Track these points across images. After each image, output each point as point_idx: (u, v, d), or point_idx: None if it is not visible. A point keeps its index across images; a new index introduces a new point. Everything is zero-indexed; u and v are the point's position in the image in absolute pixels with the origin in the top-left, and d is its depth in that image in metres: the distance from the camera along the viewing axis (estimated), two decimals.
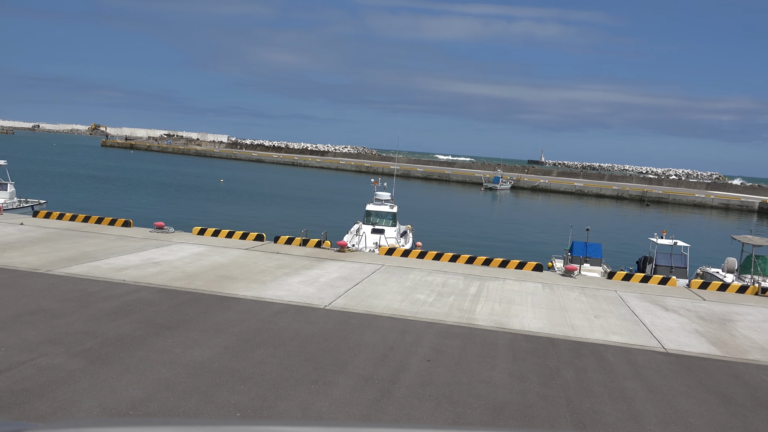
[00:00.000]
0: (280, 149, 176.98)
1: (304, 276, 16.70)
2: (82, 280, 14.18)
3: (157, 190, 59.96)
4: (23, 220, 22.45)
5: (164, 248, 19.25)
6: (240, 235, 22.54)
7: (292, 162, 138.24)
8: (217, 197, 57.99)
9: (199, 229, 22.90)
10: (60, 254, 16.98)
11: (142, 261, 16.96)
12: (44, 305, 11.79)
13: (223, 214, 44.94)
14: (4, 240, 18.57)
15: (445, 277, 18.19)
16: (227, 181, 76.76)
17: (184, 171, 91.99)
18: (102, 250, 18.04)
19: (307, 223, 43.14)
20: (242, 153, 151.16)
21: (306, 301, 13.88)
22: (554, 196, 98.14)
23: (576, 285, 18.61)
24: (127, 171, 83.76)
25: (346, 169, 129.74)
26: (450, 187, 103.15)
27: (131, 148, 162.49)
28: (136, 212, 40.93)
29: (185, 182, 72.24)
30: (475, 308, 14.50)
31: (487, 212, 68.42)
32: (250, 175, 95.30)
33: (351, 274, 17.52)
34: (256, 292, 14.32)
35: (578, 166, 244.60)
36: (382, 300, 14.54)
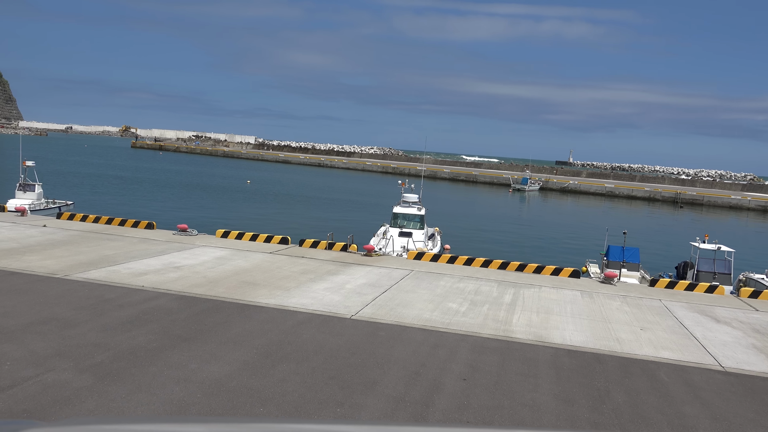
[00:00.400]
0: (307, 150, 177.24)
1: (330, 282, 15.95)
2: (100, 285, 13.62)
3: (183, 192, 60.00)
4: (46, 222, 22.15)
5: (186, 252, 18.69)
6: (264, 238, 21.91)
7: (319, 163, 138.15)
8: (243, 198, 57.78)
9: (223, 232, 22.33)
10: (80, 258, 16.50)
11: (162, 265, 16.40)
12: (57, 313, 11.22)
13: (248, 216, 44.58)
14: (26, 242, 18.19)
15: (478, 284, 17.28)
16: (254, 182, 76.68)
17: (211, 172, 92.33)
18: (123, 254, 17.53)
19: (332, 225, 42.52)
20: (269, 154, 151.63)
21: (331, 310, 13.11)
22: (584, 197, 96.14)
23: (617, 293, 17.54)
24: (154, 172, 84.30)
25: (372, 170, 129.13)
26: (477, 188, 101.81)
27: (160, 149, 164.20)
28: (161, 214, 40.75)
29: (212, 183, 72.32)
30: (512, 319, 13.57)
31: (516, 214, 67.08)
32: (277, 176, 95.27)
33: (379, 280, 16.72)
34: (279, 300, 13.61)
35: (607, 167, 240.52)
36: (412, 309, 13.71)
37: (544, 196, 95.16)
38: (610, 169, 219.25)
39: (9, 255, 16.20)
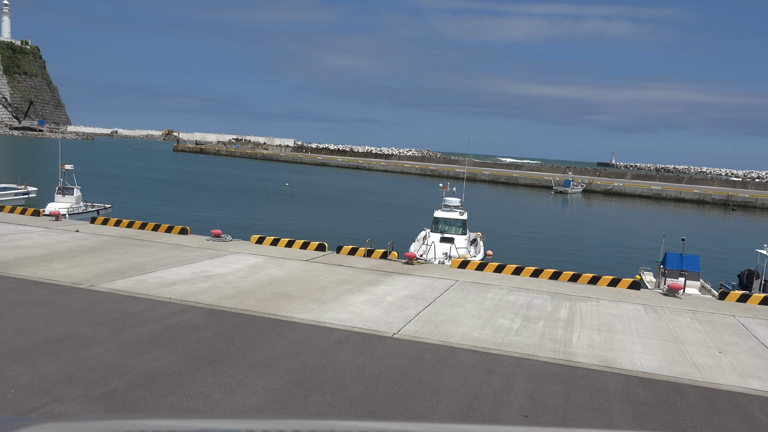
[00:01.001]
0: (345, 153, 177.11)
1: (369, 294, 14.81)
2: (125, 297, 12.77)
3: (221, 195, 59.87)
4: (79, 227, 21.64)
5: (218, 259, 17.82)
6: (300, 244, 20.93)
7: (357, 165, 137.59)
8: (281, 201, 57.29)
9: (258, 238, 21.44)
10: (108, 266, 15.76)
11: (192, 275, 15.52)
12: (75, 330, 10.36)
13: (285, 220, 43.88)
14: (56, 249, 17.60)
15: (529, 296, 15.90)
16: (292, 185, 76.34)
17: (250, 175, 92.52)
18: (153, 262, 16.75)
19: (371, 229, 41.44)
20: (307, 157, 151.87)
21: (371, 326, 11.96)
22: (629, 200, 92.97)
23: (684, 308, 15.92)
24: (194, 175, 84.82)
25: (410, 172, 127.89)
26: (518, 190, 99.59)
27: (201, 152, 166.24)
28: (197, 218, 40.35)
29: (250, 186, 72.20)
30: (571, 338, 12.19)
31: (560, 218, 64.92)
32: (315, 178, 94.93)
33: (421, 291, 15.50)
34: (315, 315, 12.52)
35: (651, 169, 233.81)
36: (460, 326, 12.45)
37: (587, 198, 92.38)
38: (653, 171, 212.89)
39: (36, 262, 15.56)
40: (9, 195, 38.27)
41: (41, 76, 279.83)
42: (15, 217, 23.11)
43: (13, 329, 10.15)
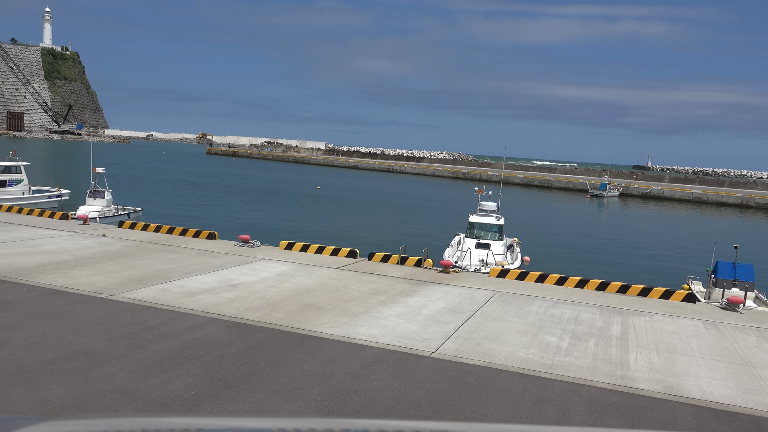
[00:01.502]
0: (376, 155, 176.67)
1: (403, 306, 13.84)
2: (146, 308, 12.06)
3: (251, 197, 59.61)
4: (106, 231, 21.17)
5: (246, 267, 17.06)
6: (331, 251, 20.09)
7: (388, 168, 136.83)
8: (312, 204, 56.75)
9: (287, 244, 20.67)
10: (131, 273, 15.12)
11: (218, 283, 14.77)
12: (89, 345, 9.63)
13: (315, 223, 43.20)
14: (80, 254, 17.07)
15: (576, 309, 14.74)
16: (323, 188, 75.87)
17: (281, 177, 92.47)
18: (178, 269, 16.07)
19: (403, 233, 40.46)
20: (339, 160, 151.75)
21: (407, 344, 10.99)
22: (667, 204, 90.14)
23: (748, 324, 14.57)
24: (225, 177, 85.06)
25: (442, 175, 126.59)
26: (552, 194, 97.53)
27: (233, 155, 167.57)
28: (226, 221, 39.92)
29: (281, 189, 71.95)
30: (627, 360, 11.03)
31: (597, 222, 63.00)
32: (346, 181, 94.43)
33: (459, 303, 14.47)
34: (346, 329, 11.61)
35: (689, 172, 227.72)
36: (504, 344, 11.40)
37: (623, 202, 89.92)
38: (691, 174, 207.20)
39: (59, 269, 15.01)
40: (43, 197, 38.43)
41: (80, 81, 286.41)
42: (44, 221, 22.80)
43: (23, 344, 9.47)
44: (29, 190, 37.95)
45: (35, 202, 37.27)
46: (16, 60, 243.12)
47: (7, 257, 15.92)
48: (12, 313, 11.07)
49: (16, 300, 11.92)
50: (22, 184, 37.43)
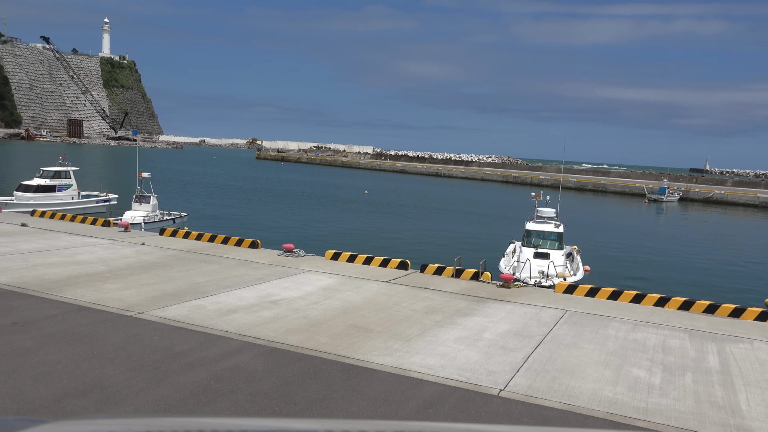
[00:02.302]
0: (424, 160, 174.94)
1: (462, 328, 12.24)
2: (175, 329, 10.84)
3: (297, 202, 58.87)
4: (146, 240, 20.30)
5: (288, 279, 15.77)
6: (380, 261, 18.64)
7: (436, 173, 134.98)
8: (359, 210, 55.57)
9: (333, 253, 19.33)
10: (165, 287, 14.01)
11: (257, 299, 13.50)
12: (106, 377, 8.42)
13: (363, 230, 41.90)
14: (115, 265, 16.12)
15: (661, 334, 12.83)
16: (371, 193, 74.73)
17: (329, 182, 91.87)
18: (215, 282, 14.90)
19: (453, 241, 38.72)
20: (386, 164, 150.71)
21: (470, 378, 9.40)
22: (731, 209, 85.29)
23: None
24: (273, 182, 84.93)
25: (491, 179, 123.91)
26: (607, 198, 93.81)
27: (282, 160, 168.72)
28: (272, 226, 39.00)
29: (328, 194, 71.15)
30: (738, 402, 9.15)
31: (658, 228, 59.70)
32: (394, 185, 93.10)
33: (526, 325, 12.78)
34: (398, 358, 10.11)
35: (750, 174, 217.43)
36: (584, 379, 9.68)
37: (684, 207, 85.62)
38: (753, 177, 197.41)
39: (90, 282, 14.03)
40: (91, 202, 38.42)
41: (137, 89, 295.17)
42: (85, 228, 22.15)
43: (33, 374, 8.33)
44: (78, 195, 37.97)
45: (84, 207, 37.25)
46: (77, 69, 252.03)
47: (39, 268, 15.07)
48: (29, 334, 10.01)
49: (38, 318, 10.88)
50: (71, 189, 37.46)
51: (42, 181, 36.06)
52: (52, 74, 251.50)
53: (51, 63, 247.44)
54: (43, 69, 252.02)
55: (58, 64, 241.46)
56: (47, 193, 35.91)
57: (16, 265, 15.17)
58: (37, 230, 20.86)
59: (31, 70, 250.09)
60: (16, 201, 34.80)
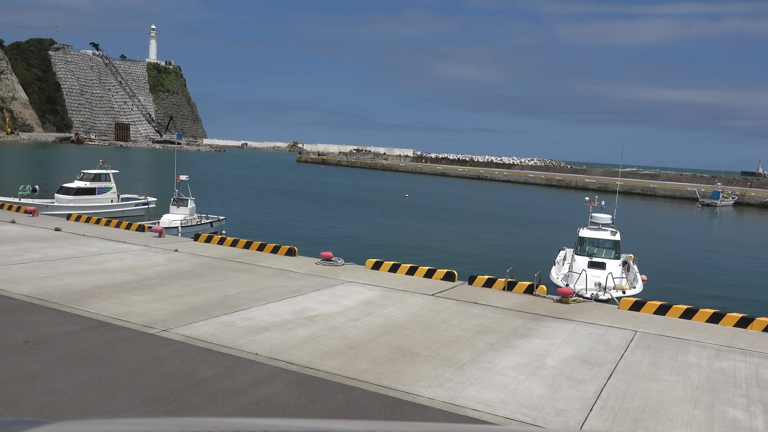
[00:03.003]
0: (465, 162, 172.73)
1: (520, 352, 10.82)
2: (200, 351, 9.75)
3: (337, 206, 57.95)
4: (179, 246, 19.45)
5: (326, 291, 14.59)
6: (424, 272, 17.31)
7: (477, 176, 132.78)
8: (399, 213, 54.30)
9: (374, 263, 18.08)
10: (194, 299, 12.99)
11: (292, 314, 12.34)
12: (115, 410, 7.32)
13: (404, 236, 40.57)
14: (144, 274, 15.23)
15: (751, 362, 11.14)
16: (412, 196, 73.40)
17: (369, 185, 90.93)
18: (248, 294, 13.82)
19: (499, 246, 37.07)
20: (427, 167, 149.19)
21: (536, 419, 8.00)
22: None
23: None
24: (313, 185, 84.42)
25: (534, 182, 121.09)
26: (655, 202, 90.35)
27: (322, 163, 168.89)
28: (310, 232, 38.01)
29: (368, 197, 70.10)
30: None
31: (713, 234, 56.64)
32: (434, 189, 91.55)
33: (592, 349, 11.27)
34: (450, 391, 8.77)
35: None
36: (671, 422, 8.16)
37: (739, 212, 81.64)
38: None
39: (115, 293, 13.11)
40: (130, 205, 38.20)
41: (182, 94, 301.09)
42: (119, 233, 21.48)
43: (34, 407, 7.30)
44: (118, 197, 37.80)
45: (122, 210, 37.06)
46: (125, 75, 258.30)
47: (65, 277, 14.27)
48: (40, 355, 9.05)
49: (53, 336, 9.94)
50: (111, 192, 37.31)
51: (82, 184, 35.95)
52: (102, 80, 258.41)
53: (100, 69, 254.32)
54: (93, 75, 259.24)
55: (107, 69, 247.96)
56: (87, 196, 35.79)
57: (42, 273, 14.40)
58: (70, 235, 20.25)
59: (81, 75, 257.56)
60: (57, 203, 34.75)
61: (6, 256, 16.17)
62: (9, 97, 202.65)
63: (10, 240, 18.71)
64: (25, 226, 21.51)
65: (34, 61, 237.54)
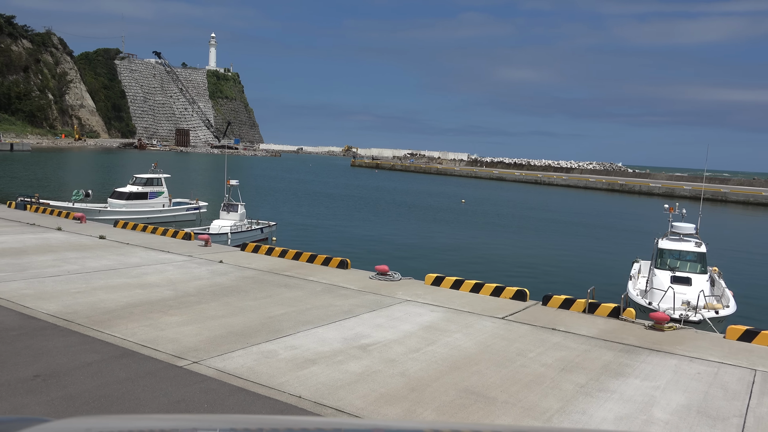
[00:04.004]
0: (522, 167, 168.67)
1: (618, 399, 8.83)
2: (234, 391, 8.20)
3: (390, 211, 56.35)
4: (225, 256, 18.18)
5: (382, 313, 12.91)
6: (491, 289, 15.40)
7: (535, 180, 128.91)
8: (454, 219, 52.25)
9: (434, 278, 16.30)
10: (234, 321, 11.53)
11: (343, 342, 10.71)
12: None
13: (463, 245, 38.56)
14: (183, 289, 13.93)
15: None
16: (468, 201, 71.15)
17: (423, 189, 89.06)
18: (294, 315, 12.28)
19: (566, 257, 34.59)
20: (482, 171, 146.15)
21: None
22: None
23: None
24: (366, 190, 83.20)
25: (595, 187, 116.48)
26: (727, 208, 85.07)
27: (376, 167, 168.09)
28: (361, 240, 36.45)
29: (423, 202, 68.27)
30: None
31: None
32: (490, 193, 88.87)
33: (707, 396, 9.16)
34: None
35: None
36: None
37: None
38: None
39: (149, 312, 11.81)
40: (181, 210, 37.66)
41: (240, 100, 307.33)
42: (164, 242, 20.44)
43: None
44: (170, 202, 37.32)
45: (174, 215, 36.54)
46: (185, 82, 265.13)
47: (97, 292, 13.10)
48: (48, 395, 7.69)
49: (68, 369, 8.60)
50: (163, 197, 36.85)
51: (134, 188, 35.60)
52: (164, 87, 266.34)
53: (162, 76, 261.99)
54: (156, 82, 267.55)
55: (168, 77, 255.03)
56: (139, 201, 35.41)
57: (74, 288, 13.28)
58: (114, 244, 19.31)
59: (144, 83, 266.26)
60: (110, 208, 34.46)
61: (43, 267, 15.21)
62: (77, 105, 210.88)
63: (52, 249, 17.87)
64: (70, 234, 20.75)
65: (101, 70, 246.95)
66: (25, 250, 17.41)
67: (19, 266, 15.18)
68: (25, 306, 11.60)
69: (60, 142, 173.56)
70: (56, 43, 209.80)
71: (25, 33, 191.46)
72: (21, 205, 26.76)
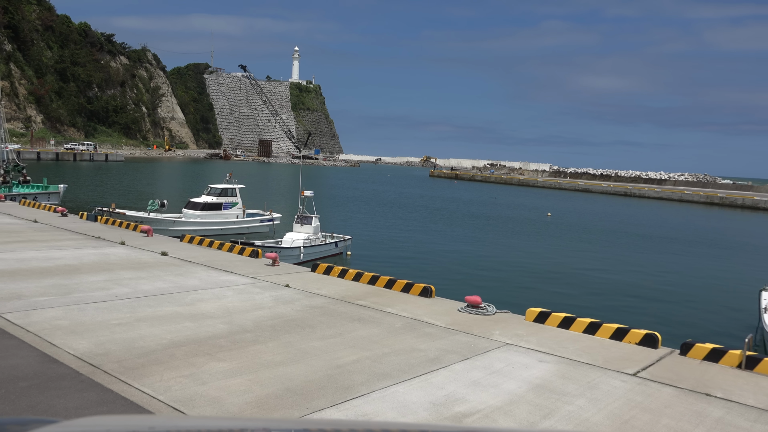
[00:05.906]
0: (609, 178, 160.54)
1: None
2: None
3: (472, 224, 53.21)
4: (292, 280, 16.04)
5: (477, 362, 10.26)
6: (612, 331, 12.40)
7: (624, 192, 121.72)
8: (541, 232, 48.51)
9: (538, 313, 13.46)
10: (293, 371, 9.22)
11: (431, 409, 8.15)
12: None
13: (557, 266, 35.06)
14: (240, 322, 11.83)
15: None
16: (554, 215, 66.91)
17: (505, 201, 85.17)
18: (369, 363, 9.85)
19: (678, 283, 30.48)
20: (567, 182, 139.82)
21: None
22: None
23: None
24: (446, 201, 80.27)
25: (691, 200, 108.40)
26: None
27: (456, 178, 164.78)
28: (441, 257, 33.65)
29: (505, 214, 64.67)
30: None
31: None
32: (576, 205, 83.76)
33: None
34: None
35: None
36: None
37: None
38: None
39: (192, 355, 9.71)
40: (255, 221, 36.40)
41: (321, 111, 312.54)
42: (228, 260, 18.65)
43: None
44: (243, 213, 36.16)
45: (247, 226, 35.31)
46: (269, 94, 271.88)
47: (140, 325, 11.18)
48: None
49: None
50: (237, 207, 35.73)
51: (209, 199, 34.65)
52: (248, 99, 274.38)
53: (248, 89, 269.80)
54: (241, 95, 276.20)
55: (253, 90, 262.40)
56: (213, 211, 34.39)
57: (115, 319, 11.44)
58: (174, 262, 17.66)
59: (231, 96, 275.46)
60: (184, 219, 33.61)
61: (90, 290, 13.57)
62: (169, 117, 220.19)
63: (108, 267, 16.36)
64: (132, 249, 19.35)
65: (191, 84, 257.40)
66: (80, 268, 15.97)
67: (66, 288, 13.61)
68: (52, 344, 9.78)
69: (151, 152, 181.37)
70: (151, 59, 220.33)
71: (123, 50, 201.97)
72: (92, 217, 26.00)
